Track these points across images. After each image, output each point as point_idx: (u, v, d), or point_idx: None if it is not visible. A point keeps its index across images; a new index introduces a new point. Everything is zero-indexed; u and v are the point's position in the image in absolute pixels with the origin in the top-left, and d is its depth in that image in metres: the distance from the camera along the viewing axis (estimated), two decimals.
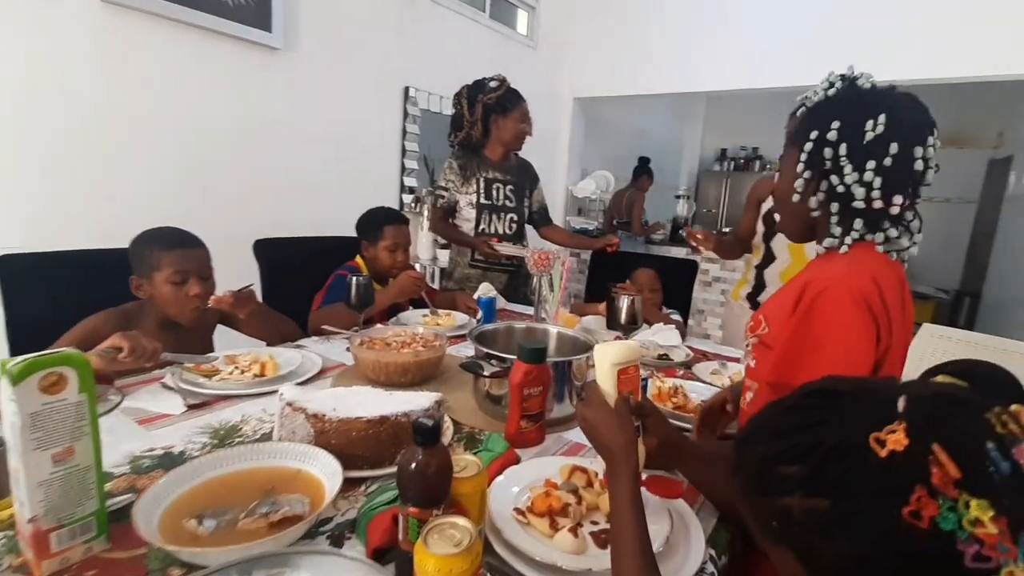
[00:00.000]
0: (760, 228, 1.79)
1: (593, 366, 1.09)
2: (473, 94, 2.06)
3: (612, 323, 1.43)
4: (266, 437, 0.89)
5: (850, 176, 0.73)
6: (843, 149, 0.72)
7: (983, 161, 5.91)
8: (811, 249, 1.71)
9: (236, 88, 2.29)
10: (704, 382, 1.26)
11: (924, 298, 5.65)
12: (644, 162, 4.81)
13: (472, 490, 0.60)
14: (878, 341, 0.69)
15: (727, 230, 2.67)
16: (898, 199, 0.72)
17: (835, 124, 0.73)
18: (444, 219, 2.13)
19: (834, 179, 0.74)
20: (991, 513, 0.34)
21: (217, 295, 1.28)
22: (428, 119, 3.30)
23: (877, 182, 0.71)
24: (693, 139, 6.88)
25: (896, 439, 0.37)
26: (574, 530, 0.63)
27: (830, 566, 0.40)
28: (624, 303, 1.36)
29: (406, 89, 3.15)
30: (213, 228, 2.09)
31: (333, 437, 0.75)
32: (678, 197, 5.71)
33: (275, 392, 1.03)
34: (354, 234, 1.94)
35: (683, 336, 1.62)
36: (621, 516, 0.57)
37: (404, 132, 3.19)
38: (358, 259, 1.77)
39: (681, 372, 1.37)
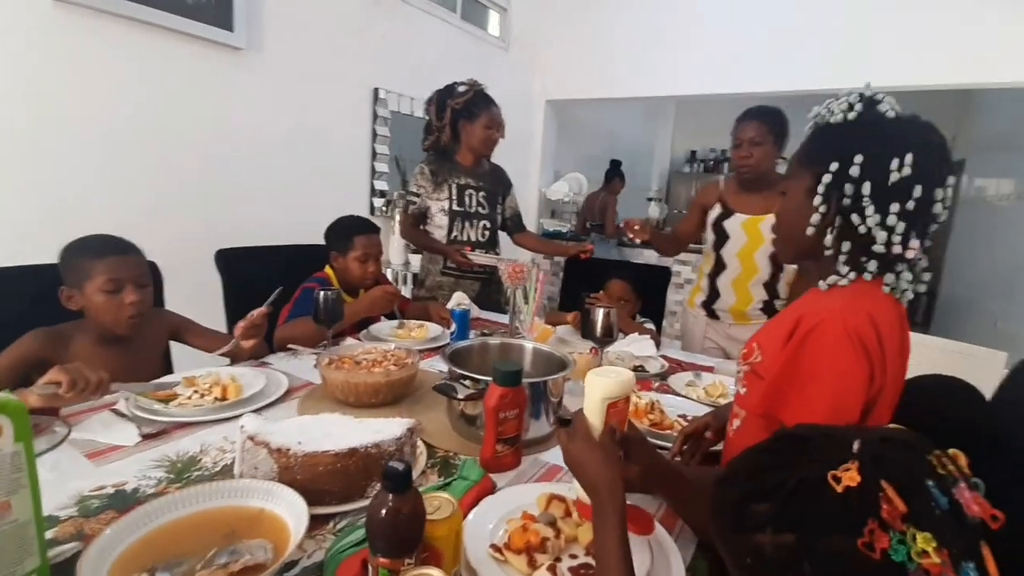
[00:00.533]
0: (710, 237, 1.81)
1: (568, 380, 1.09)
2: (442, 99, 2.02)
3: (587, 334, 1.42)
4: (227, 469, 0.84)
5: (872, 218, 0.68)
6: (866, 188, 0.67)
7: None
8: (763, 259, 1.73)
9: (197, 89, 2.20)
10: (679, 395, 1.26)
11: None
12: (616, 165, 4.85)
13: (447, 532, 0.57)
14: (871, 381, 0.67)
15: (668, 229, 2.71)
16: (915, 243, 0.68)
17: (858, 158, 0.68)
18: (415, 225, 2.09)
19: (855, 218, 0.69)
20: (934, 544, 0.38)
21: (250, 317, 1.27)
22: (399, 121, 3.24)
23: (900, 227, 0.67)
24: (664, 141, 6.97)
25: (850, 476, 0.41)
26: (553, 568, 0.61)
27: None
28: (599, 316, 1.35)
29: (375, 91, 3.08)
30: (173, 237, 2.01)
31: (299, 472, 0.72)
32: (650, 199, 5.78)
33: (237, 417, 0.99)
34: (323, 242, 1.88)
35: (657, 345, 1.63)
36: (608, 557, 0.55)
37: (374, 134, 3.13)
38: (328, 270, 1.71)
39: (657, 384, 1.37)
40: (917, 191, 0.66)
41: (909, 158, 0.65)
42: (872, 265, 0.70)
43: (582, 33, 4.21)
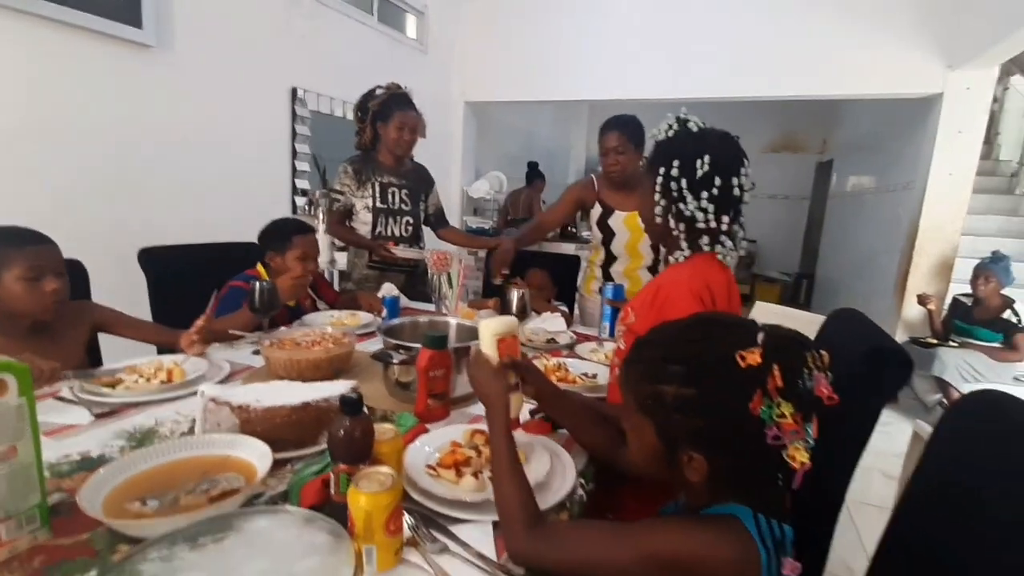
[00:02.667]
0: (598, 235, 2.05)
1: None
2: (364, 101, 2.12)
3: (505, 313, 1.61)
4: (185, 436, 0.94)
5: (692, 203, 0.95)
6: (684, 183, 0.95)
7: (812, 164, 6.99)
8: (645, 248, 1.98)
9: (106, 89, 2.16)
10: (584, 359, 1.49)
11: (771, 281, 6.57)
12: (534, 166, 5.18)
13: (390, 450, 0.74)
14: None
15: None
16: (725, 219, 0.97)
17: (675, 163, 0.95)
18: (341, 222, 2.18)
19: (681, 206, 0.96)
20: (791, 410, 0.54)
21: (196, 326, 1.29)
22: (319, 120, 3.28)
23: (711, 208, 0.95)
24: (578, 141, 7.36)
25: (753, 357, 0.56)
26: (476, 475, 0.78)
27: (677, 436, 0.60)
28: (515, 296, 1.55)
29: (294, 90, 3.11)
30: (90, 238, 1.99)
31: (258, 425, 0.84)
32: None
33: (186, 397, 1.09)
34: (249, 239, 1.92)
35: (568, 323, 1.85)
36: (498, 444, 0.74)
37: (294, 134, 3.15)
38: (259, 268, 1.76)
39: (566, 353, 1.58)
40: (717, 181, 0.94)
41: (707, 158, 0.93)
42: (704, 240, 0.97)
43: (498, 38, 4.43)
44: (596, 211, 2.02)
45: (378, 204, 2.13)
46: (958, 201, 3.49)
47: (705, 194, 0.94)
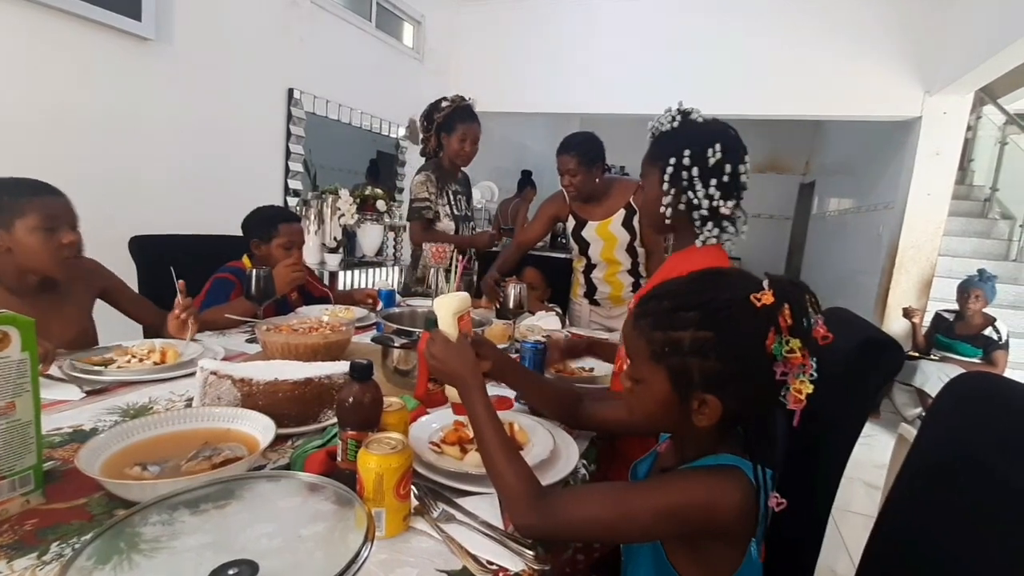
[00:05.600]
0: (574, 245, 2.09)
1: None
2: (430, 111, 2.21)
3: (502, 311, 1.62)
4: (186, 409, 0.92)
5: (700, 191, 0.98)
6: (696, 171, 0.97)
7: (795, 185, 7.16)
8: (621, 253, 1.98)
9: (102, 79, 2.14)
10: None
11: None
12: (527, 175, 5.21)
13: (397, 421, 0.73)
14: None
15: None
16: (730, 203, 0.99)
17: (687, 152, 0.97)
18: (428, 230, 2.17)
19: (690, 194, 0.99)
20: (799, 346, 0.58)
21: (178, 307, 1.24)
22: (314, 122, 3.28)
23: (717, 194, 0.98)
24: None
25: (767, 297, 0.59)
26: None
27: (692, 380, 0.61)
28: (512, 292, 1.55)
29: (290, 91, 3.11)
30: (83, 226, 1.94)
31: (261, 398, 0.83)
32: None
33: (180, 378, 1.07)
34: (238, 233, 1.91)
35: (563, 324, 1.86)
36: (481, 421, 0.70)
37: (288, 134, 3.14)
38: (245, 259, 1.73)
39: None
40: (728, 168, 0.96)
41: (718, 146, 0.96)
42: (710, 226, 1.00)
43: (493, 50, 4.49)
44: (570, 224, 2.06)
45: (455, 212, 2.22)
46: (936, 220, 3.60)
47: (714, 181, 0.97)
